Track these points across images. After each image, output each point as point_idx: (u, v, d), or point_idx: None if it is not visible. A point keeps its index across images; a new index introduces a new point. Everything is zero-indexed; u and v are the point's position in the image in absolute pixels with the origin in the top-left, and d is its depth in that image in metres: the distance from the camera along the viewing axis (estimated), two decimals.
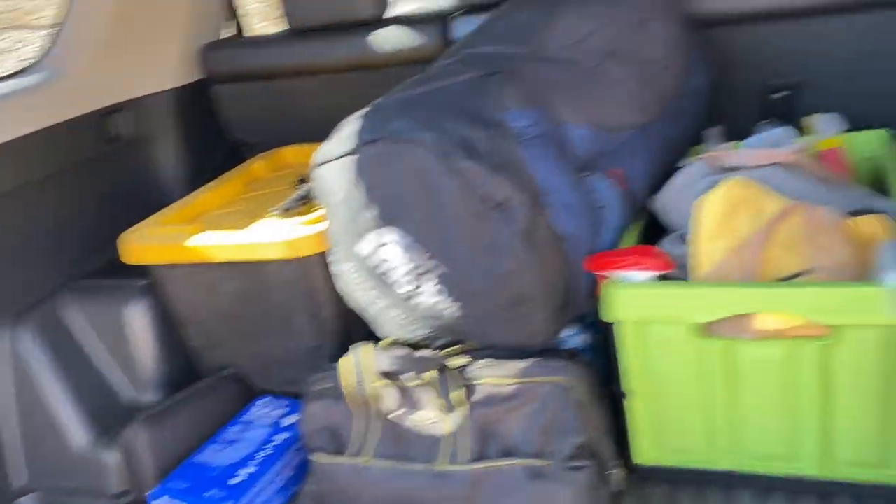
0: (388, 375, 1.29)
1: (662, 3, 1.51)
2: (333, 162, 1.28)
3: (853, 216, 1.19)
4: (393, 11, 1.97)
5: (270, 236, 1.43)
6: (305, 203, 1.53)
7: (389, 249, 1.24)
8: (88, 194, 1.81)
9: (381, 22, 1.90)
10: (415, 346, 1.35)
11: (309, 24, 1.96)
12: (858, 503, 1.21)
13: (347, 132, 1.28)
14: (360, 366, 1.29)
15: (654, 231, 1.42)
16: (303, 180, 1.75)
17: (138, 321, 1.67)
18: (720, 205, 1.20)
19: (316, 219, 1.46)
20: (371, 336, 1.40)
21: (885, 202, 1.27)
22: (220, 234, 1.48)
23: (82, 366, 1.68)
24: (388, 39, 1.88)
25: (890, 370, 1.11)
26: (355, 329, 1.55)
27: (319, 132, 2.08)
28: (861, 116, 1.55)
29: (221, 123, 2.15)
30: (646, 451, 1.32)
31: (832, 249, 1.12)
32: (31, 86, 1.69)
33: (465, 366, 1.26)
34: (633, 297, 1.19)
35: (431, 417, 1.27)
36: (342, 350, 1.51)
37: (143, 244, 1.57)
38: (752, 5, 1.66)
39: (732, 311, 1.14)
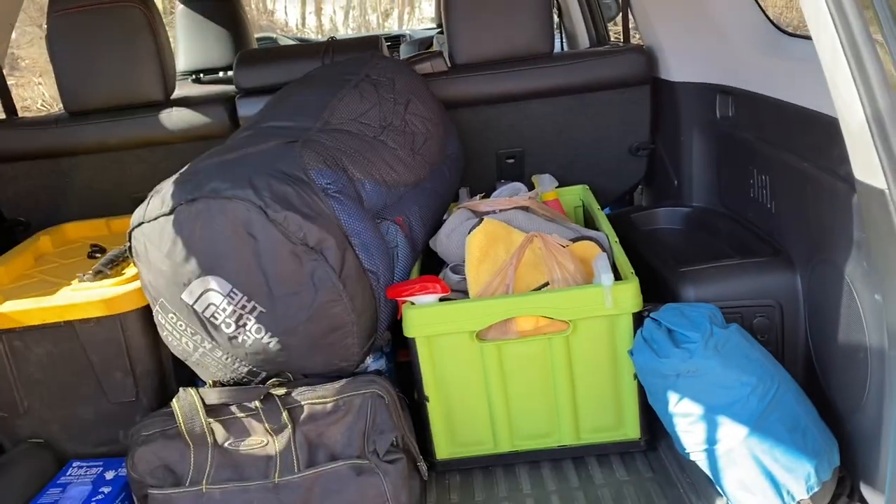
0: (217, 410, 1.43)
1: (417, 87, 1.89)
2: (153, 222, 1.41)
3: (574, 242, 1.60)
4: (180, 93, 2.13)
5: (87, 296, 1.50)
6: (115, 266, 1.62)
7: (214, 295, 1.40)
8: None
9: (168, 103, 2.05)
10: (237, 383, 1.50)
11: (88, 108, 2.04)
12: (600, 460, 1.58)
13: (164, 195, 1.42)
14: (191, 404, 1.41)
15: (433, 265, 1.74)
16: (96, 250, 1.82)
17: None
18: (482, 239, 1.55)
19: (129, 278, 1.56)
20: (187, 385, 1.51)
21: (593, 233, 1.71)
22: (29, 300, 1.51)
23: None
24: (178, 119, 2.03)
25: (614, 349, 1.50)
26: (169, 382, 1.65)
27: (100, 207, 2.15)
28: (563, 175, 2.05)
29: None
30: (443, 447, 1.59)
31: (563, 265, 1.51)
32: None
33: (286, 393, 1.44)
34: (422, 316, 1.48)
35: (261, 441, 1.43)
36: (158, 402, 1.61)
37: None
38: (481, 92, 2.11)
39: (498, 318, 1.47)
